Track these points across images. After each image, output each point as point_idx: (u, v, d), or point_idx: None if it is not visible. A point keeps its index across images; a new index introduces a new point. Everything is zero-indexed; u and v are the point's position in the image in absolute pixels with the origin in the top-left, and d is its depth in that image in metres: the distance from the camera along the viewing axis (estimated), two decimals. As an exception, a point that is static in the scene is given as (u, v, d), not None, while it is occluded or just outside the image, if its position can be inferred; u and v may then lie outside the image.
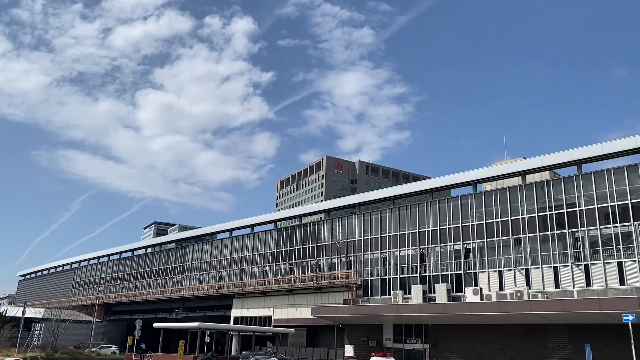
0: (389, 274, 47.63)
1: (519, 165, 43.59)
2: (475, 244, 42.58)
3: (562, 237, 38.13)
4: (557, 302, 33.32)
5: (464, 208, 44.23)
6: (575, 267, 37.04)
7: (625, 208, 35.85)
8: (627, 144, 37.18)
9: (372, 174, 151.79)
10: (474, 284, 41.38)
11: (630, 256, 34.82)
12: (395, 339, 44.30)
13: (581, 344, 31.67)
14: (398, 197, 51.44)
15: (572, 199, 38.56)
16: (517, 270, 39.68)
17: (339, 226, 53.52)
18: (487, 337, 38.51)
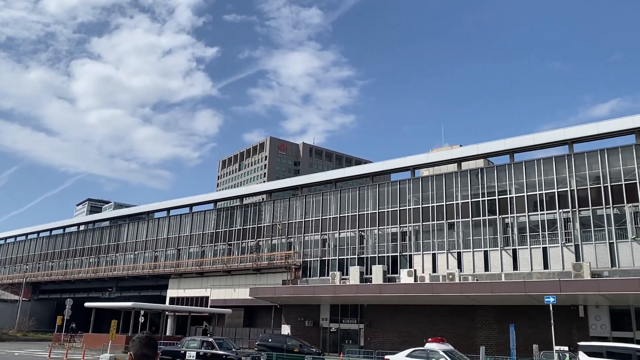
0: (329, 255, 48.23)
1: (455, 152, 45.05)
2: (412, 228, 43.77)
3: (493, 223, 39.83)
4: (485, 285, 34.92)
5: (402, 192, 45.27)
6: (504, 251, 38.83)
7: (552, 196, 37.81)
8: (556, 135, 39.10)
9: (316, 157, 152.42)
10: (409, 265, 42.61)
11: (555, 242, 36.86)
12: (332, 319, 45.12)
13: (506, 324, 33.30)
14: (340, 180, 51.95)
15: (503, 186, 40.25)
16: (450, 253, 41.17)
17: (280, 207, 53.51)
18: (420, 317, 39.90)
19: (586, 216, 36.20)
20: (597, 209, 35.84)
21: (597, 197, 36.05)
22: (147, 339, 4.11)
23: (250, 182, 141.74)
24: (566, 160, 37.88)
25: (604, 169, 36.22)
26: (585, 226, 36.10)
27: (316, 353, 34.34)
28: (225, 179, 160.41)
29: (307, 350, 34.48)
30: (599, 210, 35.76)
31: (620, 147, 36.13)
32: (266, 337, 36.38)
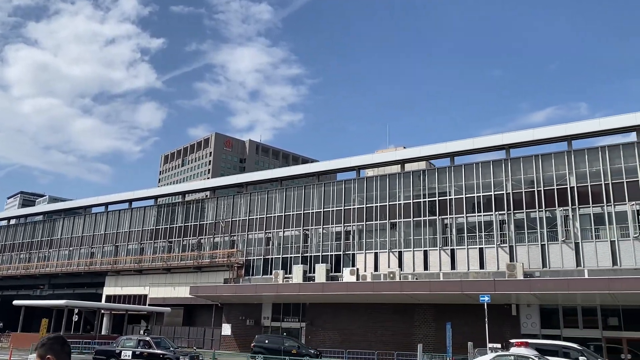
0: (272, 254, 48.02)
1: (399, 154, 45.95)
2: (355, 227, 44.25)
3: (433, 223, 40.88)
4: (424, 284, 35.81)
5: (347, 192, 45.69)
6: (443, 251, 39.92)
7: (489, 199, 39.20)
8: (494, 140, 40.58)
9: (262, 154, 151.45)
10: (351, 264, 43.06)
11: (490, 243, 38.24)
12: (274, 318, 44.97)
13: (444, 322, 34.28)
14: (286, 178, 51.85)
15: (444, 188, 41.37)
16: (392, 252, 41.92)
17: (224, 205, 52.79)
18: (361, 315, 40.42)
19: (520, 218, 37.77)
20: (531, 211, 37.46)
21: (530, 200, 37.67)
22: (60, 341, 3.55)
23: (194, 178, 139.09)
24: (503, 165, 39.37)
25: (537, 173, 37.89)
26: (519, 228, 37.65)
27: (314, 354, 33.77)
28: (167, 175, 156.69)
29: (306, 351, 33.81)
30: (532, 213, 37.38)
31: (553, 154, 37.90)
32: (262, 339, 35.10)
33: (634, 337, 32.05)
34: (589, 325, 33.44)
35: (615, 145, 36.31)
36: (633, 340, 32.09)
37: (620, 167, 35.23)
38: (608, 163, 35.62)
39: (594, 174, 35.96)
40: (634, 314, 32.34)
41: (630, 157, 35.09)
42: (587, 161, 36.42)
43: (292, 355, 31.65)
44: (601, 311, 33.31)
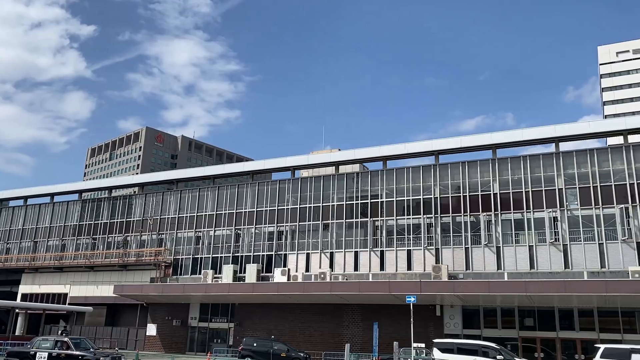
0: (202, 253, 47.09)
1: (334, 156, 46.42)
2: (288, 227, 44.23)
3: (364, 225, 41.59)
4: (354, 284, 36.35)
5: (282, 192, 45.60)
6: (372, 252, 40.68)
7: (418, 202, 40.36)
8: (424, 146, 41.86)
9: (195, 151, 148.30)
10: (283, 265, 43.00)
11: (418, 245, 39.38)
12: (202, 318, 44.18)
13: (371, 322, 35.02)
14: (218, 176, 51.02)
15: (376, 191, 42.20)
16: (323, 253, 42.24)
17: (153, 202, 51.20)
18: (290, 315, 40.47)
19: (447, 222, 39.16)
20: (457, 216, 38.92)
21: (457, 205, 39.16)
22: None
23: (122, 173, 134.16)
24: (432, 170, 40.67)
25: (464, 179, 39.44)
26: (446, 231, 39.03)
27: (304, 358, 33.25)
28: (93, 169, 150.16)
29: (295, 354, 33.28)
30: (458, 217, 38.86)
31: (479, 161, 39.56)
32: (250, 342, 34.28)
33: (547, 337, 34.04)
34: (507, 326, 35.16)
35: (535, 155, 38.41)
36: (546, 339, 34.08)
37: (540, 176, 37.31)
38: (529, 172, 37.63)
39: (516, 181, 37.87)
40: (548, 315, 34.34)
41: (549, 167, 37.25)
42: (509, 169, 38.31)
43: (281, 358, 31.49)
44: (518, 312, 35.12)
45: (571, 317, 33.92)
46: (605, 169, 35.78)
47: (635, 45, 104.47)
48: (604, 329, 32.84)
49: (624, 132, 36.82)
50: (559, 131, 37.56)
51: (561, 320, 34.03)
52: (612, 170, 35.55)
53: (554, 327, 34.02)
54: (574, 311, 33.91)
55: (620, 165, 35.40)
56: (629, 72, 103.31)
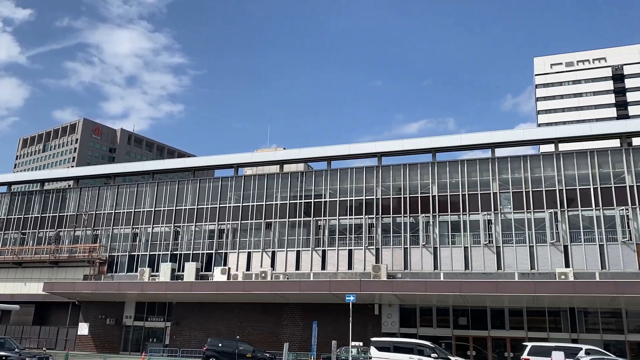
0: (139, 250, 45.72)
1: (278, 154, 46.26)
2: (230, 225, 43.68)
3: (307, 224, 41.69)
4: (295, 283, 36.36)
5: (224, 190, 44.97)
6: (314, 251, 40.85)
7: (360, 203, 40.86)
8: (368, 147, 42.44)
9: (135, 145, 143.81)
10: (223, 263, 42.43)
11: (359, 245, 39.87)
12: (137, 317, 42.97)
13: (311, 321, 35.09)
14: (158, 171, 49.67)
15: (319, 190, 42.39)
16: (265, 252, 42.00)
17: (88, 196, 49.22)
18: (229, 315, 40.01)
19: (387, 223, 39.84)
20: (397, 216, 39.69)
21: (397, 206, 39.93)
22: None
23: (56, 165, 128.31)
24: (375, 171, 41.30)
25: (405, 181, 40.28)
26: (386, 232, 39.71)
27: (269, 358, 32.71)
28: (25, 160, 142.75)
29: (261, 355, 32.88)
30: (398, 218, 39.64)
31: (419, 164, 40.52)
32: (215, 342, 33.62)
33: (479, 335, 35.32)
34: (442, 325, 36.21)
35: (473, 159, 39.78)
36: (478, 338, 35.35)
37: (476, 180, 38.64)
38: (466, 175, 38.90)
39: (454, 184, 39.07)
40: (480, 314, 35.63)
41: (485, 172, 38.64)
42: (448, 172, 39.46)
43: (246, 358, 31.19)
44: (453, 311, 36.24)
45: (502, 316, 35.34)
46: (537, 175, 37.50)
47: (568, 58, 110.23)
48: (532, 328, 34.42)
49: (555, 141, 38.74)
50: (495, 137, 39.07)
51: (493, 320, 35.40)
52: (543, 176, 37.31)
53: (486, 326, 35.34)
54: (504, 311, 35.35)
55: (551, 172, 37.20)
56: (562, 84, 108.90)
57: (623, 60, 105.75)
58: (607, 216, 35.10)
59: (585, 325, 33.78)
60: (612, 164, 36.04)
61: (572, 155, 37.17)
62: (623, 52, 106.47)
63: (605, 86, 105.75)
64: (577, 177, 36.46)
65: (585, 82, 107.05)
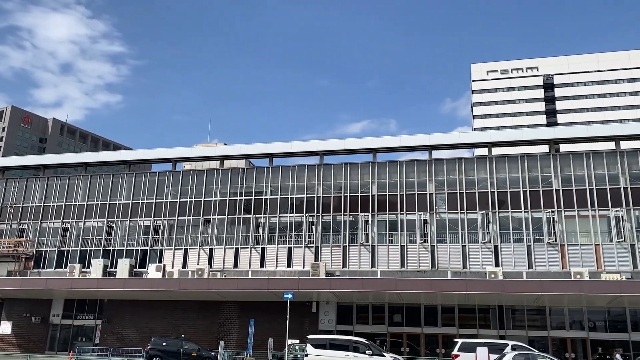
0: (69, 245, 43.79)
1: (219, 150, 45.55)
2: (166, 221, 42.61)
3: (247, 222, 41.31)
4: (232, 281, 35.94)
5: (161, 184, 43.81)
6: (254, 249, 40.55)
7: (302, 201, 40.93)
8: (310, 146, 42.56)
9: (68, 136, 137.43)
10: (158, 260, 41.36)
11: (299, 243, 39.93)
12: (65, 315, 41.24)
13: (248, 319, 34.83)
14: (92, 164, 47.70)
15: (260, 187, 42.10)
16: (202, 249, 41.29)
17: (14, 188, 46.60)
18: (164, 313, 39.07)
19: (327, 221, 40.12)
20: (337, 215, 40.04)
21: (338, 204, 40.28)
22: None
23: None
24: (316, 170, 41.49)
25: (345, 180, 40.71)
26: (326, 230, 39.97)
27: (214, 357, 31.68)
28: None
29: (206, 354, 32.14)
30: (338, 217, 40.00)
31: (360, 163, 41.04)
32: (159, 341, 32.82)
33: (413, 332, 36.25)
34: (377, 322, 36.87)
35: (411, 160, 40.75)
36: (412, 334, 36.27)
37: (414, 181, 39.60)
38: (404, 176, 39.77)
39: (392, 184, 39.85)
40: (414, 311, 36.57)
41: (422, 173, 39.67)
42: (387, 173, 40.21)
43: (191, 358, 30.64)
44: (388, 309, 37.01)
45: (435, 314, 36.43)
46: (471, 177, 38.87)
47: (503, 66, 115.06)
48: (463, 325, 35.70)
49: (488, 145, 40.33)
50: (433, 140, 40.18)
51: (426, 317, 36.42)
52: (476, 178, 38.72)
53: (419, 323, 36.32)
54: (437, 308, 36.45)
55: (484, 175, 38.66)
56: (497, 90, 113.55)
57: (553, 70, 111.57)
58: (534, 218, 36.88)
59: (512, 323, 35.37)
60: (540, 169, 37.91)
61: (504, 159, 38.79)
62: (554, 62, 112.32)
63: (536, 94, 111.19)
64: (508, 180, 38.09)
65: (519, 90, 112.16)
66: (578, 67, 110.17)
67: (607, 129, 42.00)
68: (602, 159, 37.14)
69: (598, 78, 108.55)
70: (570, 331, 34.40)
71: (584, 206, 36.36)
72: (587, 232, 35.91)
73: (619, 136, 38.09)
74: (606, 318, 34.35)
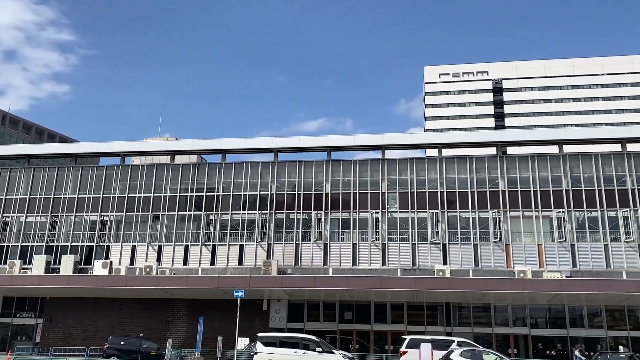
0: (9, 240, 41.92)
1: (170, 144, 44.65)
2: (114, 217, 41.43)
3: (198, 218, 40.66)
4: (181, 279, 35.30)
5: (109, 179, 42.55)
6: (204, 246, 39.96)
7: (255, 198, 40.64)
8: (265, 142, 42.36)
9: (10, 126, 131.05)
10: (105, 257, 40.15)
11: (251, 240, 39.66)
12: (3, 313, 39.58)
13: (197, 317, 34.31)
14: (35, 156, 45.76)
15: (213, 184, 41.54)
16: (151, 246, 40.37)
17: (-51, 179, 44.10)
18: (109, 311, 38.00)
19: (280, 218, 40.00)
20: (290, 212, 40.00)
21: (291, 202, 40.24)
22: None
23: None
24: (270, 167, 41.30)
25: (299, 178, 40.70)
26: (279, 227, 39.85)
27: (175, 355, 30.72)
28: None
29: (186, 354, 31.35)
30: (292, 214, 39.97)
31: (314, 161, 41.09)
32: (117, 340, 31.87)
33: (363, 329, 36.67)
34: (328, 319, 37.09)
35: (364, 160, 41.18)
36: (362, 331, 36.68)
37: (367, 180, 40.03)
38: (358, 175, 40.14)
39: (346, 183, 40.15)
40: (365, 309, 36.99)
41: (375, 172, 40.15)
42: (341, 171, 40.46)
43: (150, 357, 29.88)
44: (339, 306, 37.28)
45: (385, 311, 36.97)
46: (422, 177, 39.64)
47: (455, 69, 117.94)
48: (411, 322, 36.38)
49: (439, 146, 41.24)
50: (386, 140, 40.73)
51: (376, 314, 36.92)
52: (427, 178, 39.53)
53: (369, 320, 36.77)
54: (387, 305, 37.01)
55: (434, 175, 39.50)
56: (448, 93, 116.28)
57: (502, 75, 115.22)
58: (481, 218, 37.99)
59: (458, 319, 36.33)
60: (488, 170, 39.06)
61: (453, 160, 39.75)
62: (503, 67, 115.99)
63: (486, 98, 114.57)
64: (457, 181, 39.06)
65: (469, 93, 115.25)
66: (526, 72, 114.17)
67: (551, 133, 43.82)
68: (546, 162, 38.64)
69: (544, 84, 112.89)
70: (513, 327, 35.65)
71: (528, 207, 37.73)
72: (531, 232, 37.30)
73: (562, 140, 39.72)
74: (547, 315, 35.79)
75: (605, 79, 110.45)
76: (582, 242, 36.51)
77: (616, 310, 35.11)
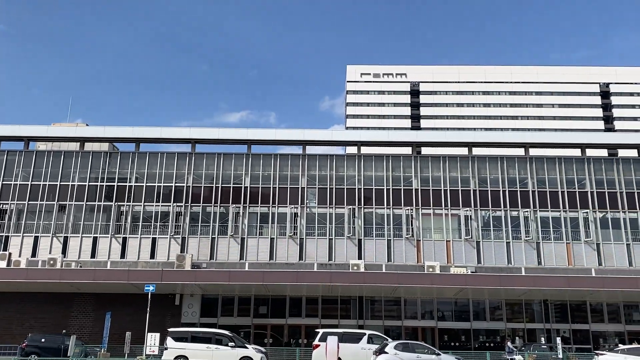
0: None
1: (79, 131, 42.38)
2: (15, 205, 38.69)
3: (108, 209, 38.87)
4: (88, 272, 33.59)
5: (10, 165, 39.72)
6: (114, 239, 38.28)
7: (170, 190, 39.48)
8: (182, 133, 41.27)
9: None
10: (3, 248, 37.39)
11: (164, 233, 38.50)
12: None
13: (105, 312, 32.78)
14: None
15: (125, 174, 39.84)
16: (56, 237, 38.11)
17: None
18: (7, 305, 35.42)
19: (196, 212, 39.15)
20: (207, 206, 39.25)
21: (208, 195, 39.46)
22: None
23: None
24: (187, 158, 40.24)
25: (218, 170, 40.00)
26: (194, 221, 38.99)
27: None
28: None
29: (91, 349, 29.45)
30: (208, 208, 39.23)
31: (234, 154, 40.56)
32: (37, 337, 29.59)
33: (277, 324, 36.74)
34: (242, 314, 36.80)
35: (285, 155, 41.19)
36: (276, 326, 36.74)
37: (287, 175, 40.12)
38: (278, 170, 40.13)
39: (266, 177, 40.00)
40: (280, 303, 37.04)
41: (296, 167, 40.32)
42: (261, 165, 40.27)
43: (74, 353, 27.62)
44: (254, 301, 37.10)
45: (299, 305, 37.24)
46: (340, 174, 40.34)
47: (376, 69, 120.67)
48: (326, 316, 36.91)
49: (358, 144, 42.13)
50: (307, 136, 41.01)
51: (291, 308, 37.09)
52: (346, 175, 40.29)
53: (284, 314, 36.89)
54: (302, 300, 37.31)
55: (352, 172, 40.32)
56: (369, 92, 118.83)
57: (420, 78, 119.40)
58: (395, 215, 39.29)
59: (371, 313, 37.35)
60: (403, 169, 40.45)
61: (371, 158, 40.76)
62: (421, 70, 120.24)
63: (404, 99, 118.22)
64: (373, 178, 40.11)
65: (388, 94, 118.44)
66: (441, 77, 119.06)
67: (462, 136, 46.21)
68: (457, 163, 40.60)
69: (458, 89, 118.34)
70: (422, 320, 37.21)
71: (439, 205, 39.50)
72: (440, 229, 39.09)
73: (471, 143, 41.92)
74: (453, 308, 37.68)
75: (513, 86, 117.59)
76: (487, 240, 38.78)
77: (515, 304, 37.62)
